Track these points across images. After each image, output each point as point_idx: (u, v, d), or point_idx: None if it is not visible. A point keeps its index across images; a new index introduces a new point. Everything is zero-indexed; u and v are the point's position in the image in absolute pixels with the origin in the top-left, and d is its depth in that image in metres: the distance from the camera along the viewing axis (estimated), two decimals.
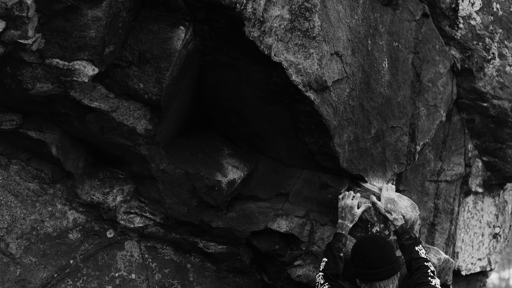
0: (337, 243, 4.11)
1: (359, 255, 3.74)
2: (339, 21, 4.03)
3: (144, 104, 3.72)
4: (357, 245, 3.82)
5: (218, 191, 4.11)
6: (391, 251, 3.77)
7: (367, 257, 3.71)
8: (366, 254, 3.72)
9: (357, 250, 3.77)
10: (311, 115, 3.95)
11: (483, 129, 5.57)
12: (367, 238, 3.92)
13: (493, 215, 6.17)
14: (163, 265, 4.34)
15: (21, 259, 3.91)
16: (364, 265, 3.71)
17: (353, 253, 3.79)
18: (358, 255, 3.74)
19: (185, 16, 3.57)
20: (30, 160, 3.92)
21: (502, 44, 5.40)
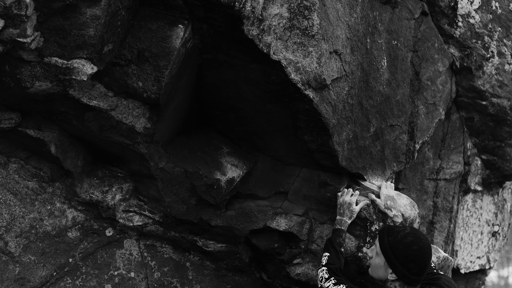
0: (338, 238, 4.07)
1: (415, 262, 3.54)
2: (338, 20, 4.03)
3: (143, 103, 3.72)
4: (415, 250, 3.55)
5: (217, 190, 4.11)
6: None
7: (424, 266, 3.56)
8: (424, 264, 3.55)
9: (416, 257, 3.54)
10: (310, 114, 3.95)
11: (482, 128, 5.57)
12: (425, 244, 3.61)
13: (492, 214, 6.18)
14: (162, 263, 4.34)
15: (20, 257, 3.91)
16: (417, 273, 3.55)
17: (410, 257, 3.55)
18: (415, 262, 3.54)
19: (184, 14, 3.57)
20: (29, 159, 3.92)
21: (501, 43, 5.40)
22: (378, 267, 3.65)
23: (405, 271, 3.54)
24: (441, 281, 3.74)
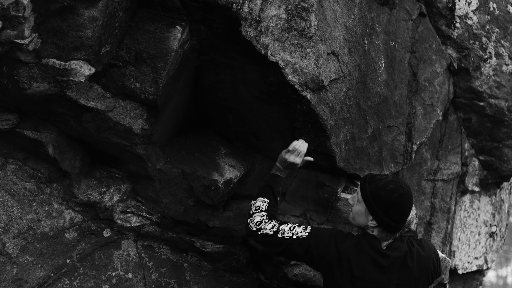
0: (278, 186, 3.93)
1: (396, 209, 3.54)
2: (336, 21, 4.03)
3: (140, 104, 3.72)
4: (396, 198, 3.54)
5: (214, 191, 4.11)
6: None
7: (404, 214, 3.57)
8: (404, 211, 3.56)
9: (397, 204, 3.54)
10: (307, 115, 3.95)
11: (480, 128, 5.58)
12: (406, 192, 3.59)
13: (490, 214, 6.18)
14: (159, 264, 4.34)
15: (17, 258, 3.91)
16: (397, 220, 3.55)
17: (391, 204, 3.53)
18: (395, 209, 3.53)
19: (182, 16, 3.57)
20: (27, 160, 3.92)
21: (498, 44, 5.40)
22: (359, 214, 3.65)
23: (385, 217, 3.54)
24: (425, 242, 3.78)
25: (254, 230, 3.70)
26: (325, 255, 3.56)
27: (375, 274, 3.54)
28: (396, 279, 3.56)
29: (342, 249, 3.55)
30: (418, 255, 3.64)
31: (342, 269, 3.53)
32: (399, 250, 3.59)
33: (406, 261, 3.59)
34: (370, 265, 3.54)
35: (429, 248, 3.75)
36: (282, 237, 3.62)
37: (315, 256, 3.59)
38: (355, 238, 3.61)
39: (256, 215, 3.74)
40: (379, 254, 3.56)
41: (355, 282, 3.52)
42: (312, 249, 3.58)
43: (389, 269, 3.55)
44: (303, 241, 3.60)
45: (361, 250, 3.55)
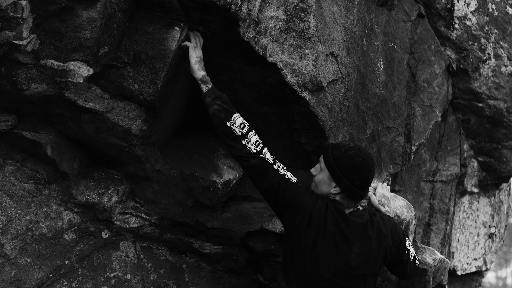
0: None
1: (358, 174, 3.52)
2: (335, 22, 4.03)
3: (139, 105, 3.72)
4: (358, 162, 3.54)
5: (213, 192, 4.11)
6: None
7: (366, 179, 3.57)
8: (366, 176, 3.56)
9: (359, 168, 3.53)
10: (306, 116, 3.95)
11: (479, 130, 5.58)
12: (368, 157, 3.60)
13: (489, 215, 6.19)
14: (158, 265, 4.34)
15: (16, 259, 3.91)
16: (360, 186, 3.55)
17: (353, 169, 3.53)
18: (358, 174, 3.52)
19: (180, 17, 3.57)
20: (25, 161, 3.92)
21: (497, 45, 5.41)
22: (321, 183, 3.61)
23: (348, 183, 3.52)
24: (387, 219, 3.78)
25: (254, 153, 3.54)
26: (303, 209, 3.51)
27: (338, 237, 3.52)
28: (356, 248, 3.55)
29: (316, 207, 3.51)
30: (379, 228, 3.63)
31: (311, 227, 3.50)
32: (362, 218, 3.59)
33: (367, 230, 3.58)
34: (335, 228, 3.52)
35: (390, 225, 3.74)
36: (277, 170, 3.56)
37: (295, 207, 3.53)
38: (324, 200, 3.57)
39: (251, 135, 3.58)
40: (343, 218, 3.53)
41: (319, 242, 3.50)
42: (296, 199, 3.53)
43: (351, 235, 3.54)
44: (292, 186, 3.54)
45: (328, 212, 3.52)
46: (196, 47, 3.65)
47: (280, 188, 3.52)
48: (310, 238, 3.49)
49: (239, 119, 3.57)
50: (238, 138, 3.54)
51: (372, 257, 3.60)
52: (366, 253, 3.57)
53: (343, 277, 3.55)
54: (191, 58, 3.63)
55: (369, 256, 3.58)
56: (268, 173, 3.53)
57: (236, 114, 3.57)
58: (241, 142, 3.54)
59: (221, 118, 3.55)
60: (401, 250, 3.78)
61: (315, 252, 3.50)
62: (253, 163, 3.53)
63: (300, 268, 3.54)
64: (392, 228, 3.72)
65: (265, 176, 3.53)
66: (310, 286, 3.53)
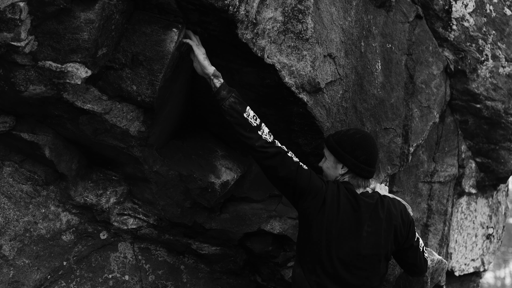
0: None
1: (361, 149, 3.64)
2: (332, 23, 4.03)
3: (137, 106, 3.72)
4: (358, 138, 3.68)
5: (211, 193, 4.12)
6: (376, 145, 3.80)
7: (370, 154, 3.66)
8: (370, 151, 3.67)
9: (360, 144, 3.65)
10: (304, 117, 3.96)
11: (477, 130, 5.59)
12: (367, 134, 3.77)
13: (487, 216, 6.19)
14: (156, 266, 4.34)
15: (14, 261, 3.91)
16: (365, 161, 3.64)
17: (354, 145, 3.65)
18: (361, 149, 3.64)
19: (178, 18, 3.57)
20: (23, 162, 3.92)
21: (495, 46, 5.41)
22: (329, 168, 3.73)
23: (353, 159, 3.62)
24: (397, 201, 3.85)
25: (270, 142, 3.57)
26: (317, 192, 3.56)
27: (350, 217, 3.58)
28: (368, 226, 3.60)
29: (329, 189, 3.58)
30: (389, 208, 3.70)
31: (326, 209, 3.55)
32: (372, 198, 3.67)
33: (377, 210, 3.64)
34: (348, 207, 3.59)
35: (400, 207, 3.79)
36: (291, 158, 3.59)
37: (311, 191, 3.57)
38: (335, 183, 3.66)
39: (264, 126, 3.61)
40: (355, 198, 3.61)
41: (334, 223, 3.55)
42: (310, 183, 3.58)
43: (362, 215, 3.60)
44: (306, 172, 3.59)
45: (341, 193, 3.59)
46: (199, 44, 3.66)
47: (298, 175, 3.55)
48: (325, 220, 3.55)
49: (251, 111, 3.60)
50: (254, 129, 3.56)
51: (384, 236, 3.64)
52: (377, 232, 3.62)
53: (356, 257, 3.59)
54: (198, 55, 3.62)
55: (380, 236, 3.63)
56: (286, 160, 3.56)
57: (248, 106, 3.60)
58: (257, 132, 3.56)
59: (238, 110, 3.56)
60: (411, 234, 3.79)
61: (330, 233, 3.55)
62: (271, 153, 3.55)
63: (315, 251, 3.57)
64: (402, 209, 3.77)
65: (283, 164, 3.56)
66: (325, 268, 3.56)
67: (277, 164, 3.55)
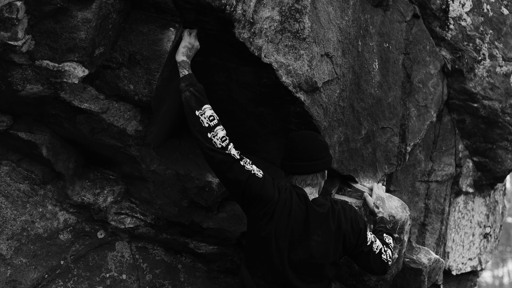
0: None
1: (287, 148, 3.71)
2: (330, 23, 4.04)
3: (134, 105, 3.73)
4: (288, 138, 3.76)
5: (208, 192, 4.12)
6: (319, 148, 3.71)
7: (291, 149, 3.68)
8: (295, 145, 3.68)
9: (286, 143, 3.74)
10: (301, 116, 3.96)
11: (474, 130, 5.60)
12: (299, 132, 3.80)
13: (484, 215, 6.20)
14: (154, 265, 4.34)
15: (11, 260, 3.91)
16: (287, 157, 3.68)
17: (285, 146, 3.75)
18: (287, 147, 3.71)
19: (175, 17, 3.57)
20: (21, 161, 3.93)
21: (492, 45, 5.42)
22: None
23: (282, 160, 3.73)
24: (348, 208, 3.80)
25: (220, 148, 3.49)
26: (268, 202, 3.53)
27: (300, 227, 3.57)
28: (317, 236, 3.60)
29: (281, 199, 3.56)
30: (339, 217, 3.68)
31: (275, 219, 3.54)
32: (323, 207, 3.64)
33: (328, 220, 3.63)
34: (299, 217, 3.58)
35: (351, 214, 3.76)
36: (244, 166, 3.53)
37: (261, 200, 3.54)
38: (288, 188, 3.63)
39: (218, 130, 3.52)
40: (306, 207, 3.60)
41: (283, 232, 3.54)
42: (262, 193, 3.54)
43: (312, 224, 3.59)
44: (258, 181, 3.54)
45: (293, 202, 3.58)
46: (191, 36, 3.65)
47: (247, 185, 3.52)
48: (274, 230, 3.53)
49: (209, 110, 3.52)
50: (204, 129, 3.49)
51: (333, 245, 3.64)
52: (326, 241, 3.62)
53: (306, 265, 3.59)
54: (182, 41, 3.63)
55: (329, 245, 3.63)
56: (234, 168, 3.51)
57: (207, 106, 3.53)
58: (206, 134, 3.49)
59: (191, 106, 3.51)
60: (361, 241, 3.78)
61: (279, 242, 3.54)
62: (218, 159, 3.50)
63: (265, 258, 3.57)
64: (352, 217, 3.75)
65: (230, 171, 3.51)
66: (274, 275, 3.57)
67: (223, 171, 3.53)
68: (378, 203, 4.27)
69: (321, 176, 3.74)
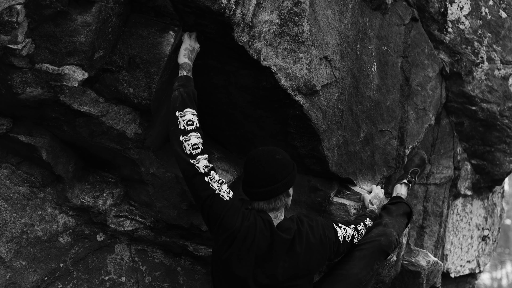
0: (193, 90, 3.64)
1: (244, 171, 3.55)
2: (328, 26, 4.05)
3: (133, 109, 3.74)
4: (247, 158, 3.55)
5: None
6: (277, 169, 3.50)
7: (250, 174, 3.51)
8: (249, 171, 3.51)
9: (244, 165, 3.55)
10: (300, 119, 3.97)
11: (472, 133, 5.60)
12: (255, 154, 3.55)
13: (482, 218, 6.21)
14: (153, 268, 4.35)
15: (11, 262, 3.92)
16: (247, 183, 3.53)
17: (243, 168, 3.58)
18: (244, 170, 3.55)
19: (175, 21, 3.59)
20: (20, 164, 3.93)
21: (490, 48, 5.43)
22: None
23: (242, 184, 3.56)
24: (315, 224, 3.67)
25: (187, 154, 3.44)
26: (228, 229, 3.43)
27: (265, 253, 3.46)
28: (284, 262, 3.49)
29: (244, 227, 3.44)
30: (307, 239, 3.56)
31: (236, 247, 3.44)
32: (289, 232, 3.51)
33: (294, 245, 3.51)
34: (262, 245, 3.46)
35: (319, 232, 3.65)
36: (208, 183, 3.44)
37: (221, 225, 3.44)
38: (252, 214, 3.49)
39: (193, 136, 3.47)
40: (271, 234, 3.47)
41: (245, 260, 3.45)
42: (223, 217, 3.43)
43: (277, 251, 3.48)
44: (220, 204, 3.44)
45: (257, 229, 3.45)
46: (191, 38, 3.65)
47: (205, 205, 3.45)
48: (236, 256, 3.45)
49: (190, 115, 3.50)
50: (178, 131, 3.47)
51: (301, 267, 3.55)
52: (294, 266, 3.52)
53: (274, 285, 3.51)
54: (182, 44, 3.63)
55: (297, 268, 3.53)
56: (195, 182, 3.46)
57: (190, 110, 3.50)
58: (179, 136, 3.47)
59: (174, 106, 3.51)
60: (336, 247, 3.74)
61: (242, 268, 3.46)
62: (181, 166, 3.48)
63: (229, 282, 3.52)
64: (321, 234, 3.64)
65: (192, 183, 3.47)
66: None
67: (185, 179, 3.51)
68: (374, 201, 4.28)
69: (285, 196, 3.57)
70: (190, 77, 3.62)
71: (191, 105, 3.53)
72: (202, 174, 3.44)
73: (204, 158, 3.47)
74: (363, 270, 3.83)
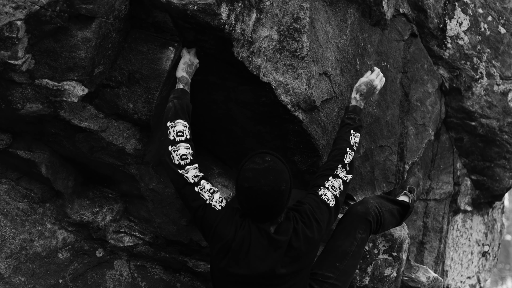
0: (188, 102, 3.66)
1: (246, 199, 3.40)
2: (328, 42, 4.06)
3: (133, 124, 3.74)
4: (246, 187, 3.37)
5: None
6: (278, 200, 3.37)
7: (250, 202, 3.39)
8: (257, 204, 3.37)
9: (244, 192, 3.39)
10: (300, 135, 3.97)
11: (472, 148, 5.60)
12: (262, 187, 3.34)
13: (482, 234, 6.19)
14: (152, 284, 4.33)
15: (10, 278, 3.90)
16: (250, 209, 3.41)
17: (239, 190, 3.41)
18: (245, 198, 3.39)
19: (174, 37, 3.60)
20: (20, 180, 3.93)
21: (490, 64, 5.44)
22: None
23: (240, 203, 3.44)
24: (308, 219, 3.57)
25: (176, 164, 3.43)
26: (222, 239, 3.40)
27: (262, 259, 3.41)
28: (284, 262, 3.45)
29: (239, 236, 3.40)
30: (304, 235, 3.49)
31: (231, 256, 3.41)
32: (286, 233, 3.45)
33: (291, 244, 3.45)
34: (260, 251, 3.41)
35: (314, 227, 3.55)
36: (198, 193, 3.42)
37: (214, 234, 3.42)
38: (246, 221, 3.45)
39: (182, 146, 3.45)
40: (268, 240, 3.42)
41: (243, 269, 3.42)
42: (216, 227, 3.41)
43: (276, 256, 3.43)
44: (212, 214, 3.41)
45: (252, 237, 3.41)
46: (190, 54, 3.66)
47: (197, 215, 3.44)
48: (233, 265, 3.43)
49: (182, 126, 3.50)
50: (167, 141, 3.48)
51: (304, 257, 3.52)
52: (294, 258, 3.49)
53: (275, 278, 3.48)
54: (181, 58, 3.65)
55: (299, 259, 3.50)
56: (185, 192, 3.45)
57: (181, 121, 3.50)
58: (167, 146, 3.48)
59: (167, 117, 3.53)
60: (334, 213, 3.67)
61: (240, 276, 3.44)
62: (170, 176, 3.48)
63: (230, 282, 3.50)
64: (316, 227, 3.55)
65: (182, 194, 3.46)
66: None
67: (175, 187, 3.50)
68: (362, 88, 4.08)
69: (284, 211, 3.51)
70: (186, 91, 3.63)
71: (183, 116, 3.53)
72: (191, 184, 3.44)
73: (193, 168, 3.46)
74: (346, 241, 3.74)
